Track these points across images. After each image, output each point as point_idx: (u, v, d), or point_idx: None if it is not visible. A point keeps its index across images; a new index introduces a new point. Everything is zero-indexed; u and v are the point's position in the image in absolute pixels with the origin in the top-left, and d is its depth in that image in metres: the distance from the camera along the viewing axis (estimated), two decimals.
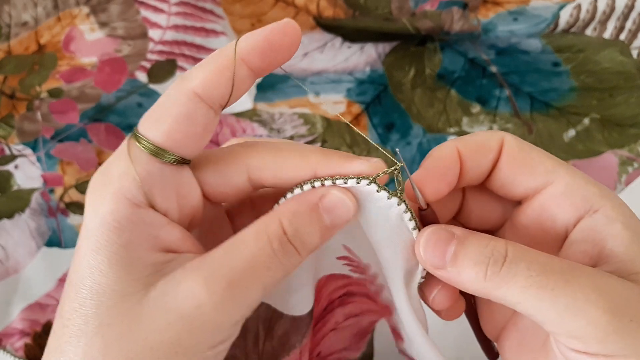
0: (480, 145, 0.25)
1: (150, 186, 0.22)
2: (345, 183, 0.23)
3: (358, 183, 0.23)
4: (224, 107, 0.23)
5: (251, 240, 0.22)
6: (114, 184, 0.22)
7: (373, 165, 0.23)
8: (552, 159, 0.24)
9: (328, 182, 0.23)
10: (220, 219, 0.27)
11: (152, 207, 0.23)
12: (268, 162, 0.24)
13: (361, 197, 0.24)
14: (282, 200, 0.24)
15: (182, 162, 0.23)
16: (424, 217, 0.25)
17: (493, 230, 0.27)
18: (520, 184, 0.25)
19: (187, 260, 0.22)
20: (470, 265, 0.22)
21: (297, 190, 0.23)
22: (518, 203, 0.26)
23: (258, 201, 0.28)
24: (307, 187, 0.23)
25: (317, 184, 0.23)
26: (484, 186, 0.26)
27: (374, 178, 0.23)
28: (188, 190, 0.24)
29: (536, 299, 0.21)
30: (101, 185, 0.22)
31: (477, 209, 0.27)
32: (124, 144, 0.23)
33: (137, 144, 0.22)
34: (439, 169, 0.24)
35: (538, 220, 0.25)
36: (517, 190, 0.25)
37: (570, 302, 0.20)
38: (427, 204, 0.24)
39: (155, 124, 0.22)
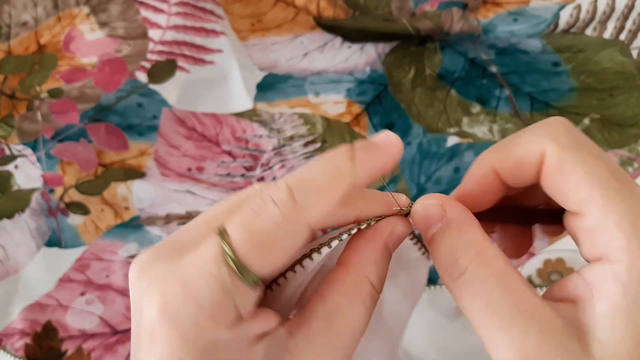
0: (519, 161, 0.23)
1: (245, 313, 0.21)
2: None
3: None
4: None
5: (347, 306, 0.23)
6: (210, 313, 0.20)
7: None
8: (590, 187, 0.21)
9: (363, 226, 0.24)
10: None
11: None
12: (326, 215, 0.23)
13: None
14: (328, 248, 0.23)
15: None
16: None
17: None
18: (554, 204, 0.23)
19: (283, 339, 0.22)
20: (436, 256, 0.23)
21: (345, 236, 0.23)
22: None
23: None
24: (345, 236, 0.24)
25: (354, 231, 0.24)
26: None
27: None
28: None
29: (474, 322, 0.21)
30: (190, 310, 0.20)
31: None
32: (212, 260, 0.20)
33: (240, 275, 0.20)
34: (476, 192, 0.24)
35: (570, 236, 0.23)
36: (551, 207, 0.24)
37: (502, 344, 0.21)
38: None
39: (265, 256, 0.21)
